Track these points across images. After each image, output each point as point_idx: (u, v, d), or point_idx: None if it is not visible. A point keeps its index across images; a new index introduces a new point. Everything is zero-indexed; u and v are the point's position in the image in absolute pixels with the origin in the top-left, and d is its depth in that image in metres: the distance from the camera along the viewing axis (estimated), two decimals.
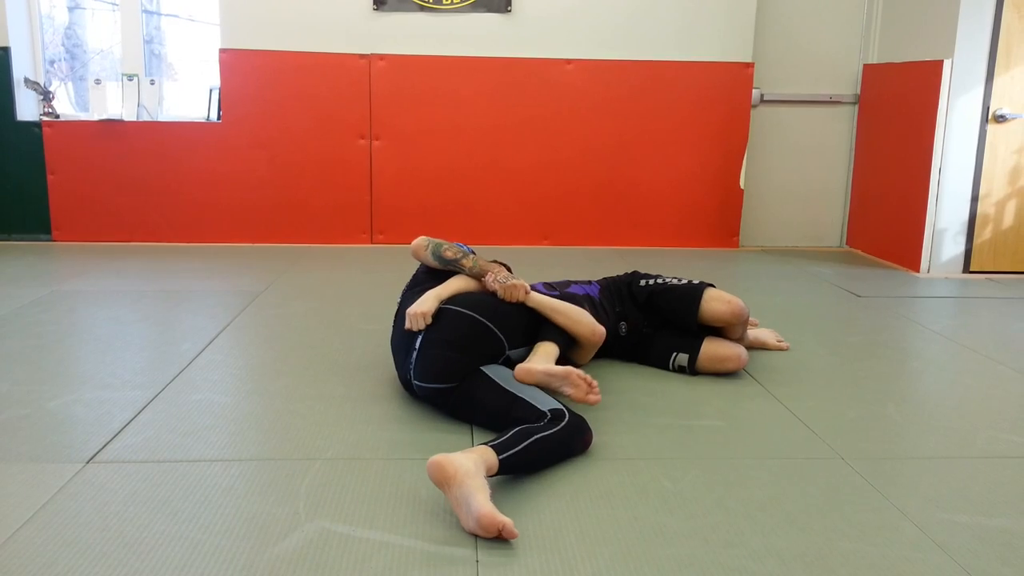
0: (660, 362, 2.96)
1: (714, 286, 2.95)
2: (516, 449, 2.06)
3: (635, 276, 3.08)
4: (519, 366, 2.40)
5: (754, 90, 5.17)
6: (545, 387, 2.39)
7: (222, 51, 4.90)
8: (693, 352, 2.89)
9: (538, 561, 1.75)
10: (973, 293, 4.30)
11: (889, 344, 3.39)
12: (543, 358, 2.47)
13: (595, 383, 2.38)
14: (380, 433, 2.38)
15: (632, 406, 2.62)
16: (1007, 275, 4.68)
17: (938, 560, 1.79)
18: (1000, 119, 4.53)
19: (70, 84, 5.49)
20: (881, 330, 3.58)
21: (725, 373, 2.89)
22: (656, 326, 2.99)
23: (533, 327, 2.62)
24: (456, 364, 2.45)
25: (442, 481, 1.89)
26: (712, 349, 2.89)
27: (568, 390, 2.37)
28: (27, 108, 5.00)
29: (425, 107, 5.02)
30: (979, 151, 4.57)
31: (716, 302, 2.89)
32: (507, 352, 2.55)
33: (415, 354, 2.50)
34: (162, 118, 5.12)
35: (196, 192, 5.02)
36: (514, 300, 2.59)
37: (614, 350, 2.99)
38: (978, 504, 2.04)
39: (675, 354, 2.92)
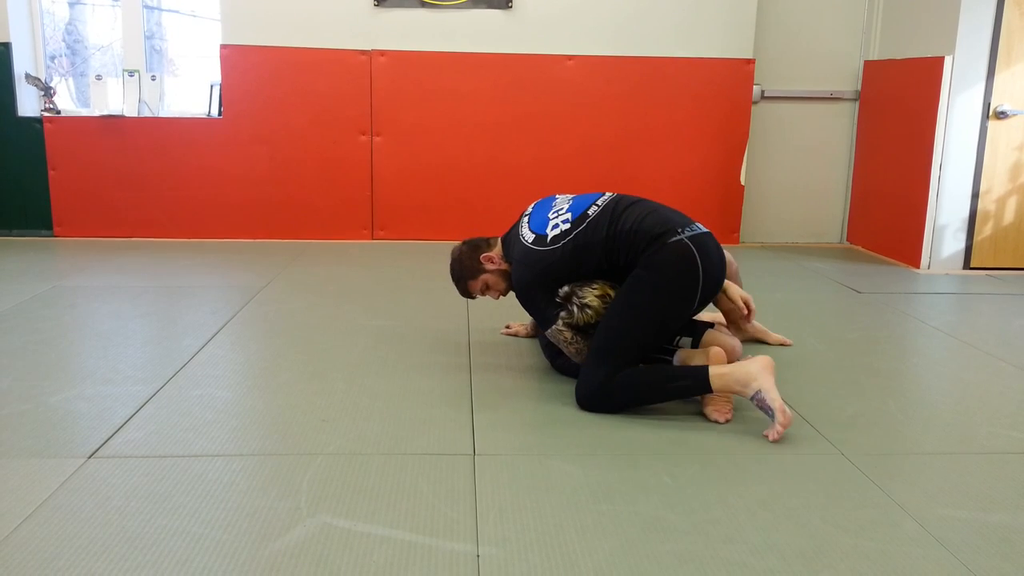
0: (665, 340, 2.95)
1: None
2: None
3: None
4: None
5: (755, 86, 5.17)
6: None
7: (223, 47, 4.90)
8: (695, 336, 2.88)
9: (539, 556, 1.76)
10: (973, 289, 4.30)
11: (889, 340, 3.39)
12: None
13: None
14: (381, 428, 2.39)
15: None
16: (1007, 271, 4.68)
17: (938, 555, 1.79)
18: (1001, 115, 4.53)
19: (71, 80, 5.49)
20: (881, 326, 3.58)
21: None
22: None
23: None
24: None
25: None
26: (712, 339, 2.90)
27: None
28: (28, 104, 5.01)
29: (426, 103, 5.02)
30: (980, 147, 4.57)
31: None
32: None
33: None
34: (163, 114, 5.12)
35: (197, 188, 5.02)
36: None
37: None
38: (978, 499, 2.05)
39: (679, 338, 2.91)
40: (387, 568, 1.70)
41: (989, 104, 4.52)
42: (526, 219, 2.80)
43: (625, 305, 2.50)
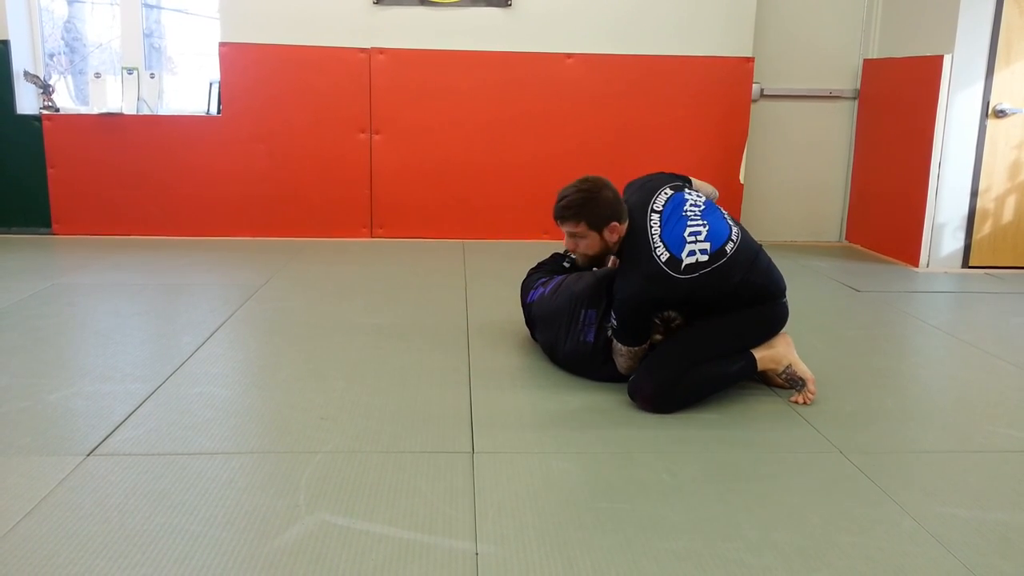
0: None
1: None
2: None
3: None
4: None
5: (754, 85, 5.16)
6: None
7: (222, 45, 4.90)
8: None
9: (537, 554, 1.76)
10: (972, 288, 4.30)
11: (888, 338, 3.39)
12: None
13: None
14: (380, 426, 2.39)
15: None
16: (1006, 270, 4.68)
17: (936, 553, 1.80)
18: (1000, 114, 4.53)
19: (70, 78, 5.48)
20: (880, 325, 3.58)
21: None
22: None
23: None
24: None
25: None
26: None
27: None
28: (27, 101, 5.00)
29: (425, 101, 5.01)
30: (979, 146, 4.57)
31: None
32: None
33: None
34: (162, 112, 5.12)
35: (196, 186, 5.02)
36: None
37: None
38: (976, 498, 2.05)
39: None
40: (385, 566, 1.70)
41: (988, 102, 4.52)
42: (657, 219, 2.59)
43: (724, 327, 2.67)
